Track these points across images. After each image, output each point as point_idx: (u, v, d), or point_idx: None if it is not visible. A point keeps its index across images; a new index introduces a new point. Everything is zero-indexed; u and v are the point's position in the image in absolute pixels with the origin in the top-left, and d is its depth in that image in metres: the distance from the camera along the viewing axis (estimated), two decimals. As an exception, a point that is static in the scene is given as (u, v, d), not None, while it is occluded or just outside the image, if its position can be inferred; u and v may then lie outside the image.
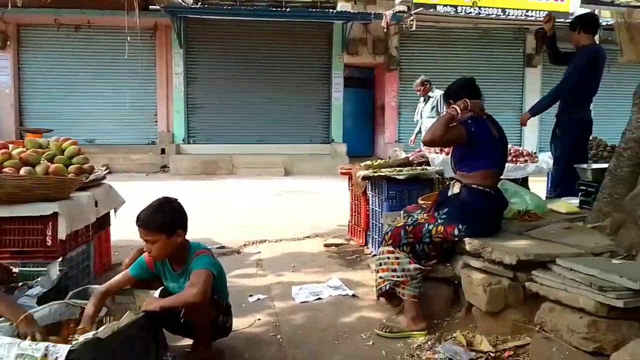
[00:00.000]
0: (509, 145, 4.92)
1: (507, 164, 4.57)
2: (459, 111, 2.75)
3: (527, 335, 2.35)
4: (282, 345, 2.63)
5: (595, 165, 3.61)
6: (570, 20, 4.61)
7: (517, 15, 10.78)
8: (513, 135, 12.37)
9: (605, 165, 3.19)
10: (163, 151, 11.35)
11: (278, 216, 6.09)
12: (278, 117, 11.87)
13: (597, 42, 4.77)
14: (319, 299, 3.25)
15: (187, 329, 2.36)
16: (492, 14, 10.72)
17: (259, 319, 2.94)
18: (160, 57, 11.54)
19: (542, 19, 5.16)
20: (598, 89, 4.41)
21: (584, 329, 2.02)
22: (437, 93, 7.33)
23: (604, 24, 10.26)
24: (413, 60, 12.37)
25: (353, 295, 3.28)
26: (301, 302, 3.19)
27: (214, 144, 11.51)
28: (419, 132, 7.63)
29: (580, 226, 2.96)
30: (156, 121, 11.70)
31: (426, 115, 7.54)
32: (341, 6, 11.18)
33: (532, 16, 10.72)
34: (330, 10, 11.03)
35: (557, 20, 4.85)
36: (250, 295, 3.32)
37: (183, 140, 11.55)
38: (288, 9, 10.48)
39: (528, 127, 12.59)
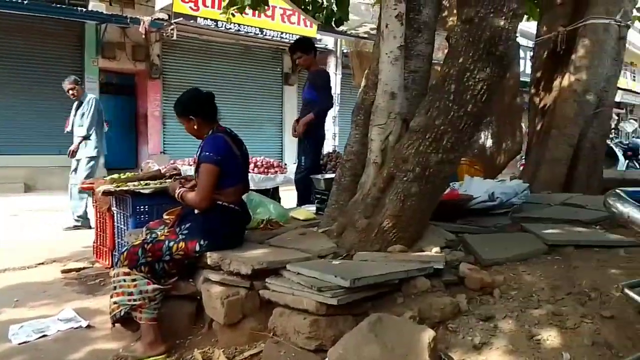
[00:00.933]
0: (261, 157, 5.21)
1: (259, 175, 4.83)
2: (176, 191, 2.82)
3: (262, 342, 2.42)
4: (-16, 402, 2.15)
5: (327, 176, 4.02)
6: (298, 42, 4.94)
7: (273, 36, 11.55)
8: (275, 148, 13.21)
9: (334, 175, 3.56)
10: None
11: (6, 241, 5.12)
12: (18, 124, 10.15)
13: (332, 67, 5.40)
14: (44, 336, 2.80)
15: None
16: (251, 32, 11.24)
17: (-45, 375, 2.37)
18: None
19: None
20: None
21: (307, 329, 2.17)
22: (89, 97, 5.98)
23: (344, 51, 11.84)
24: (177, 69, 12.12)
25: (88, 326, 2.93)
26: (19, 344, 2.69)
27: None
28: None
29: (313, 231, 3.22)
30: None
31: (77, 124, 5.94)
32: (93, 5, 10.22)
33: (286, 38, 11.62)
34: (80, 8, 9.96)
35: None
36: (-53, 346, 2.66)
37: None
38: (26, 1, 9.05)
39: (289, 141, 13.69)
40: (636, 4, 6.29)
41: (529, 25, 8.32)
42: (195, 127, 2.83)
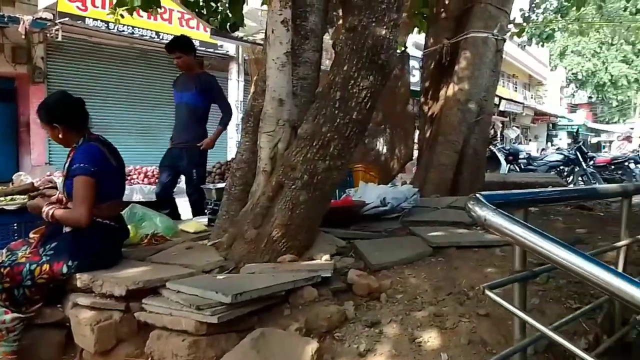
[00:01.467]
0: (152, 167, 4.93)
1: (148, 186, 4.55)
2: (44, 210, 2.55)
3: (139, 368, 2.23)
4: None
5: (219, 185, 3.88)
6: (177, 41, 4.55)
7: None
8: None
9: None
10: None
11: None
12: None
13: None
14: None
15: None
16: (147, 36, 10.71)
17: None
18: None
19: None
20: None
21: (186, 351, 2.03)
22: None
23: (246, 58, 11.70)
24: (64, 73, 11.17)
25: None
26: None
27: None
28: None
29: (201, 244, 3.07)
30: None
31: None
32: (-37, 1, 9.16)
33: (185, 43, 11.21)
34: (-54, 3, 8.88)
35: (205, 49, 5.00)
36: None
37: None
38: None
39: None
40: (512, 20, 6.87)
41: (422, 38, 8.77)
42: (61, 135, 2.56)
